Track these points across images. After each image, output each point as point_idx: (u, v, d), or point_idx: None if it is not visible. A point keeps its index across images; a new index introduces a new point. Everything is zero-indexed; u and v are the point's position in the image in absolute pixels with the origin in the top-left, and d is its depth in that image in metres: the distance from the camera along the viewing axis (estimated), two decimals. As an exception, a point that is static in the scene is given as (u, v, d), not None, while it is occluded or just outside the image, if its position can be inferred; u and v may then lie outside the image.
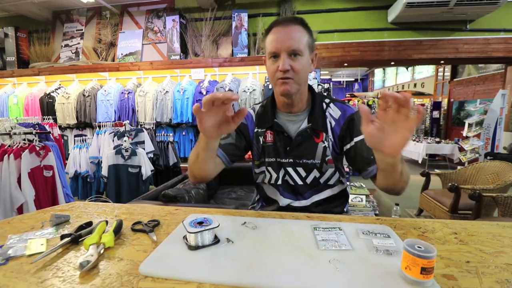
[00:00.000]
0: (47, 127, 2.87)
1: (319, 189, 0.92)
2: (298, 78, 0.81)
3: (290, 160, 0.91)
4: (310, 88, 0.94)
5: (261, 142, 0.94)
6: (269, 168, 0.94)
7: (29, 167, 1.90)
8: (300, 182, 0.91)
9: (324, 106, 0.92)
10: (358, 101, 8.71)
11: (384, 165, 0.63)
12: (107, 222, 0.64)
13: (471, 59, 3.78)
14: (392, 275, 0.45)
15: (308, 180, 0.91)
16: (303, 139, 0.89)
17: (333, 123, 0.89)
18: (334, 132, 0.89)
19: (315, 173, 0.90)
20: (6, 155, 1.84)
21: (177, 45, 3.64)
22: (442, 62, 4.65)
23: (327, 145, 0.88)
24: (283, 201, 0.93)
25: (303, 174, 0.91)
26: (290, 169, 0.92)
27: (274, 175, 0.94)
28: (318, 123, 0.89)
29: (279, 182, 0.93)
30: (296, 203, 0.92)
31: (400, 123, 0.52)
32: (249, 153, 1.01)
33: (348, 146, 0.87)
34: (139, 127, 3.28)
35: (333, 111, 0.90)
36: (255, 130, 0.96)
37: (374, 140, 0.56)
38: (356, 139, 0.85)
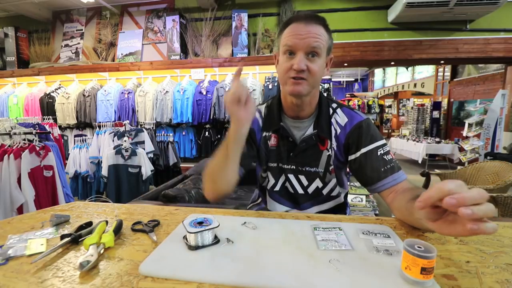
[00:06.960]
0: (47, 127, 2.88)
1: (321, 201, 0.88)
2: (312, 81, 0.75)
3: (292, 167, 0.86)
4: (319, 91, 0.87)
5: (269, 147, 0.88)
6: (269, 173, 0.89)
7: (29, 167, 1.90)
8: (301, 191, 0.87)
9: (331, 111, 0.86)
10: (358, 101, 8.71)
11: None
12: (107, 222, 0.63)
13: (471, 59, 3.78)
14: (392, 275, 0.45)
15: (310, 190, 0.87)
16: (308, 145, 0.84)
17: (338, 130, 0.84)
18: (338, 140, 0.84)
19: (317, 183, 0.86)
20: (6, 155, 1.84)
21: (177, 45, 3.64)
22: (442, 62, 4.65)
23: (331, 154, 0.84)
24: (280, 208, 0.90)
25: (305, 183, 0.86)
26: (291, 176, 0.87)
27: (272, 181, 0.89)
28: (324, 129, 0.83)
29: (277, 188, 0.89)
30: (294, 211, 0.88)
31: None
32: None
33: (353, 157, 0.82)
34: (139, 127, 3.29)
35: (340, 117, 0.85)
36: (263, 134, 0.89)
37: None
38: (363, 150, 0.79)
